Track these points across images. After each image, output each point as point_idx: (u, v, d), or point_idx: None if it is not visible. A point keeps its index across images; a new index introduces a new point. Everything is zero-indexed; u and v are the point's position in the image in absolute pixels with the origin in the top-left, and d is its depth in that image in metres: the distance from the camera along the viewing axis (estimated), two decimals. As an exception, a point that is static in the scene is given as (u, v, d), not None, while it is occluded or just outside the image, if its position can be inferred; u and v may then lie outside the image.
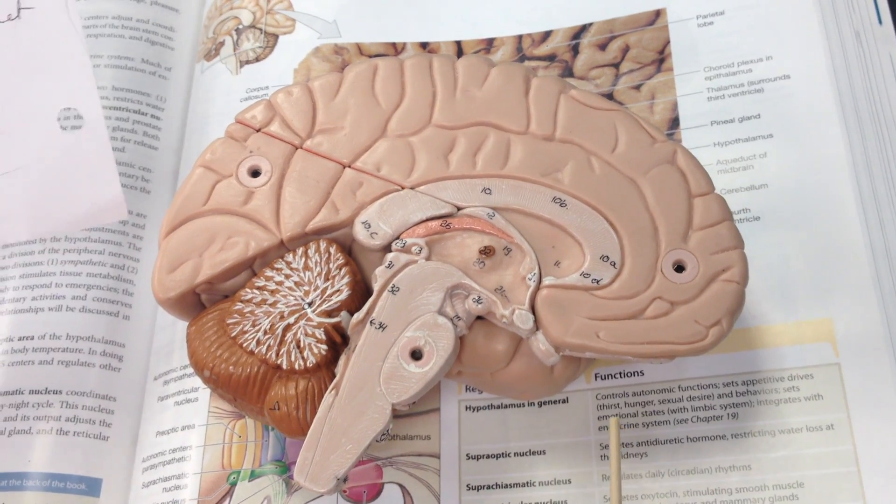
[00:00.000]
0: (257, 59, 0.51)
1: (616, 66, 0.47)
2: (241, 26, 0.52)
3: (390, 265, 0.36)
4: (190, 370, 0.43)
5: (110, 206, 0.41)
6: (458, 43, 0.50)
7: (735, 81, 0.45)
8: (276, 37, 0.52)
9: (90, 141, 0.41)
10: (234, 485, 0.40)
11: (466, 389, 0.41)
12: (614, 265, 0.36)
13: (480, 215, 0.37)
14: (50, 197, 0.41)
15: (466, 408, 0.41)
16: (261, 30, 0.52)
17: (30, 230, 0.41)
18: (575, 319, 0.35)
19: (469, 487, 0.39)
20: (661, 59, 0.47)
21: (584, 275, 0.36)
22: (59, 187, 0.41)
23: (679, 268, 0.36)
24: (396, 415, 0.37)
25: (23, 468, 0.43)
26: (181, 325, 0.44)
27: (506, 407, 0.41)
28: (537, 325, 0.35)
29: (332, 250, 0.37)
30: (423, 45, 0.50)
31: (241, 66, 0.51)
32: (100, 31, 0.53)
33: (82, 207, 0.41)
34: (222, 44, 0.52)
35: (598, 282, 0.36)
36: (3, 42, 0.41)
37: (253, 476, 0.40)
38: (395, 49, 0.50)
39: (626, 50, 0.47)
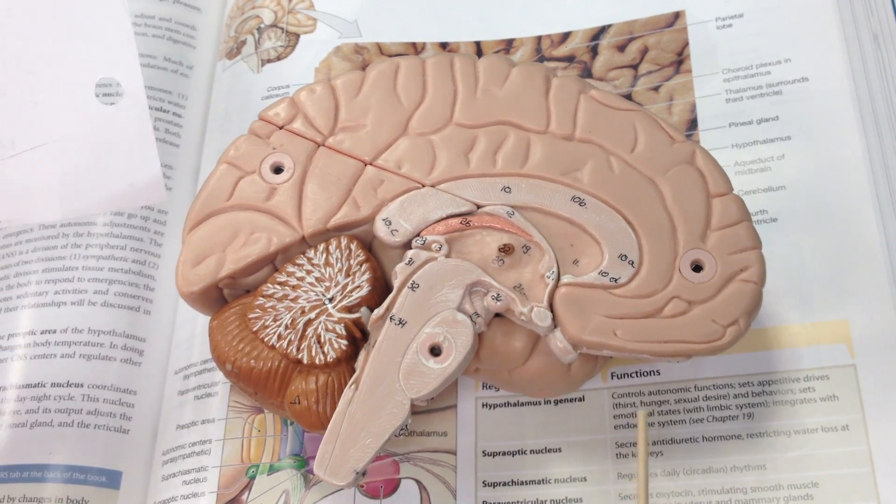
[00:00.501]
0: (278, 58, 0.52)
1: (635, 67, 0.47)
2: (262, 25, 0.53)
3: (410, 262, 0.36)
4: (210, 364, 0.44)
5: (149, 186, 0.38)
6: (478, 43, 0.50)
7: (753, 84, 0.45)
8: (297, 36, 0.52)
9: (130, 114, 0.38)
10: (252, 478, 0.41)
11: (483, 387, 0.41)
12: (632, 264, 0.36)
13: (500, 213, 0.37)
14: (84, 174, 0.38)
15: (483, 405, 0.41)
16: (282, 29, 0.52)
17: (62, 210, 0.38)
18: (593, 317, 0.35)
19: (485, 484, 0.40)
20: (679, 60, 0.47)
21: (603, 273, 0.36)
22: (94, 164, 0.38)
23: (697, 267, 0.36)
24: (415, 410, 0.38)
25: (44, 460, 0.43)
26: (201, 320, 0.45)
27: (522, 404, 0.41)
28: (555, 322, 0.36)
29: (353, 247, 0.37)
30: (443, 45, 0.50)
31: (263, 65, 0.52)
32: (123, 29, 0.54)
33: (118, 186, 0.38)
34: (244, 42, 0.53)
35: (616, 280, 0.36)
36: (39, 4, 0.38)
37: (272, 470, 0.41)
38: (415, 49, 0.50)
39: (644, 51, 0.48)
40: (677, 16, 0.48)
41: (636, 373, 0.40)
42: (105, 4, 0.38)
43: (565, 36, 0.49)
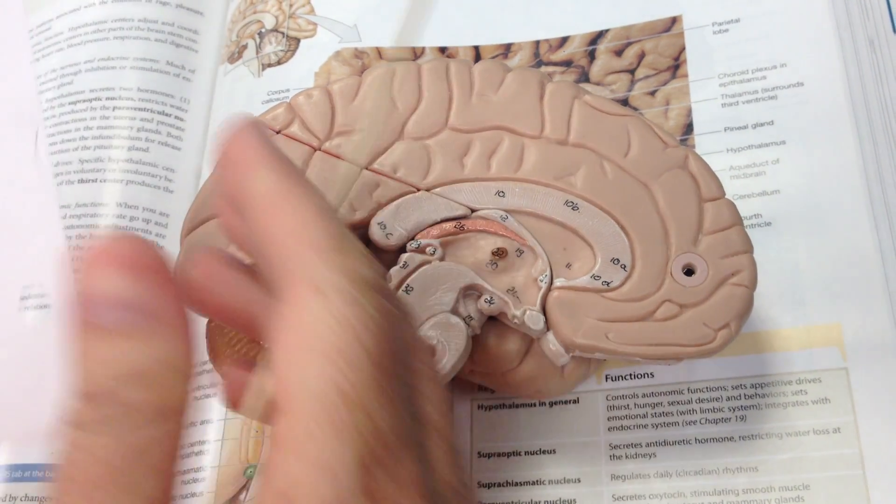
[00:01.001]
0: (279, 63, 0.52)
1: (632, 72, 0.48)
2: (263, 30, 0.53)
3: (405, 265, 0.37)
4: (209, 366, 0.44)
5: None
6: (477, 48, 0.50)
7: (749, 88, 0.46)
8: (297, 41, 0.52)
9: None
10: (250, 478, 0.41)
11: (479, 389, 0.42)
12: (624, 268, 0.37)
13: (494, 217, 0.37)
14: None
15: (479, 407, 0.42)
16: (283, 34, 0.53)
17: None
18: (585, 321, 0.36)
19: (480, 485, 0.40)
20: (676, 65, 0.47)
21: (595, 277, 0.36)
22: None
23: (689, 271, 0.37)
24: (409, 412, 0.38)
25: (47, 460, 0.44)
26: (200, 322, 0.45)
27: (517, 406, 0.41)
28: (548, 325, 0.36)
29: (349, 250, 0.38)
30: (442, 50, 0.51)
31: (263, 69, 0.52)
32: (126, 34, 0.55)
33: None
34: (245, 47, 0.53)
35: (608, 284, 0.36)
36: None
37: (269, 470, 0.41)
38: (415, 53, 0.51)
39: (641, 56, 0.48)
40: (674, 21, 0.49)
41: (630, 375, 0.41)
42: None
43: (563, 41, 0.50)
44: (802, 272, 0.41)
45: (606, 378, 0.41)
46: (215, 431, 0.43)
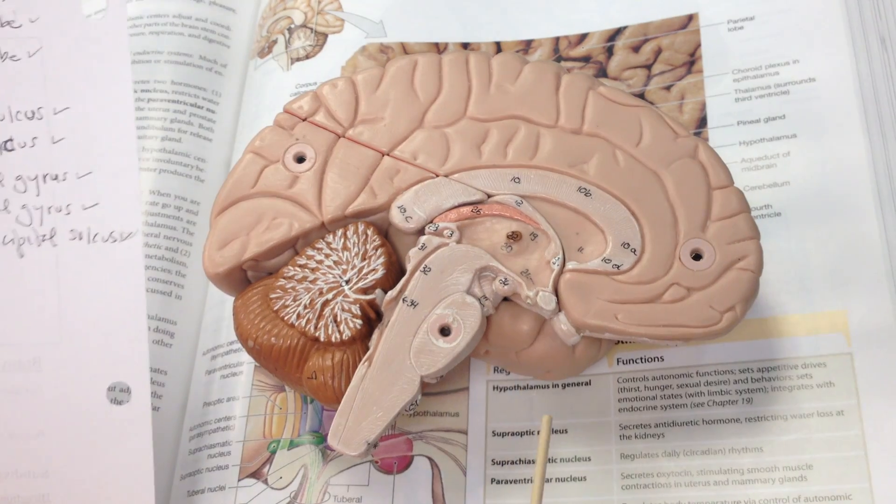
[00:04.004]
0: (307, 57, 0.54)
1: (648, 67, 0.49)
2: (293, 26, 0.55)
3: (423, 247, 0.38)
4: (236, 346, 0.46)
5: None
6: (498, 44, 0.52)
7: (762, 84, 0.47)
8: (325, 36, 0.54)
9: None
10: (273, 452, 0.43)
11: (494, 370, 0.43)
12: (635, 252, 0.38)
13: (509, 202, 0.39)
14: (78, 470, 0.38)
15: (494, 388, 0.43)
16: (311, 29, 0.55)
17: None
18: (595, 302, 0.37)
19: (494, 462, 0.41)
20: (691, 61, 0.49)
21: (606, 260, 0.38)
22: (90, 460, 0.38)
23: (696, 256, 0.38)
24: (426, 391, 0.40)
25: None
26: (229, 305, 0.47)
27: (531, 388, 0.43)
28: (560, 306, 0.37)
29: (370, 232, 0.39)
30: (465, 46, 0.52)
31: (292, 64, 0.54)
32: (161, 29, 0.57)
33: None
34: (275, 42, 0.55)
35: (618, 267, 0.38)
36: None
37: (292, 445, 0.43)
38: (438, 49, 0.52)
39: (658, 52, 0.49)
40: (690, 18, 0.50)
41: (641, 359, 0.42)
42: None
43: (582, 37, 0.51)
44: (810, 261, 0.42)
45: (618, 361, 0.42)
46: (241, 408, 0.44)
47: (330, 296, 0.38)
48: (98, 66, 0.39)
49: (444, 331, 0.37)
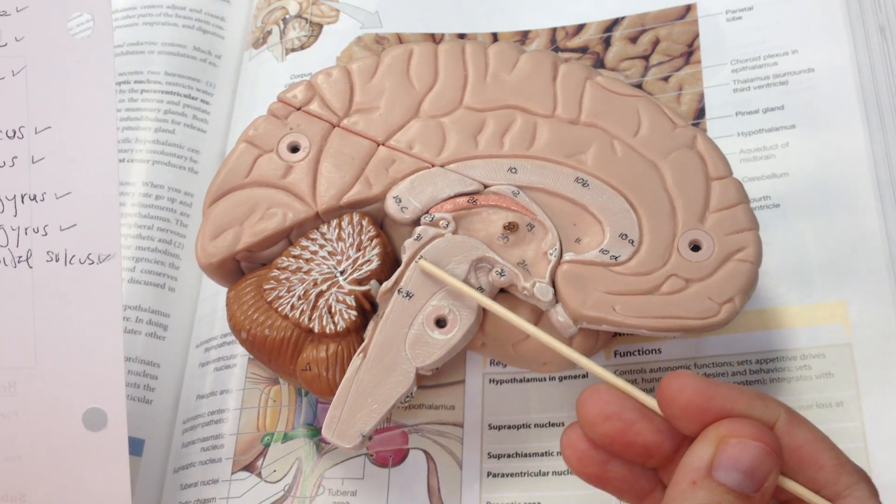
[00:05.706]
0: (302, 48, 0.53)
1: (646, 58, 0.49)
2: (287, 16, 0.55)
3: (419, 238, 0.38)
4: (229, 338, 0.46)
5: None
6: (495, 34, 0.52)
7: (760, 74, 0.47)
8: (320, 26, 0.54)
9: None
10: (267, 446, 0.43)
11: (490, 363, 0.43)
12: (632, 243, 0.38)
13: (506, 193, 0.39)
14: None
15: (490, 381, 0.43)
16: (306, 19, 0.54)
17: None
18: (592, 293, 0.37)
19: (490, 455, 0.41)
20: (689, 51, 0.48)
21: (604, 251, 0.37)
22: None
23: (695, 247, 0.37)
24: (422, 383, 0.39)
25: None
26: (222, 297, 0.46)
27: (527, 381, 0.42)
28: (557, 297, 0.37)
29: (365, 223, 0.39)
30: (461, 37, 0.52)
31: (287, 54, 0.53)
32: (155, 20, 0.56)
33: None
34: (269, 33, 0.55)
35: (616, 258, 0.37)
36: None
37: (286, 438, 0.43)
38: (434, 40, 0.52)
39: (656, 43, 0.49)
40: (688, 8, 0.50)
41: (638, 351, 0.42)
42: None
43: (579, 28, 0.51)
44: (809, 252, 0.42)
45: (615, 354, 0.42)
46: (234, 400, 0.44)
47: (324, 287, 0.38)
48: (82, 87, 0.39)
49: (440, 322, 0.37)
